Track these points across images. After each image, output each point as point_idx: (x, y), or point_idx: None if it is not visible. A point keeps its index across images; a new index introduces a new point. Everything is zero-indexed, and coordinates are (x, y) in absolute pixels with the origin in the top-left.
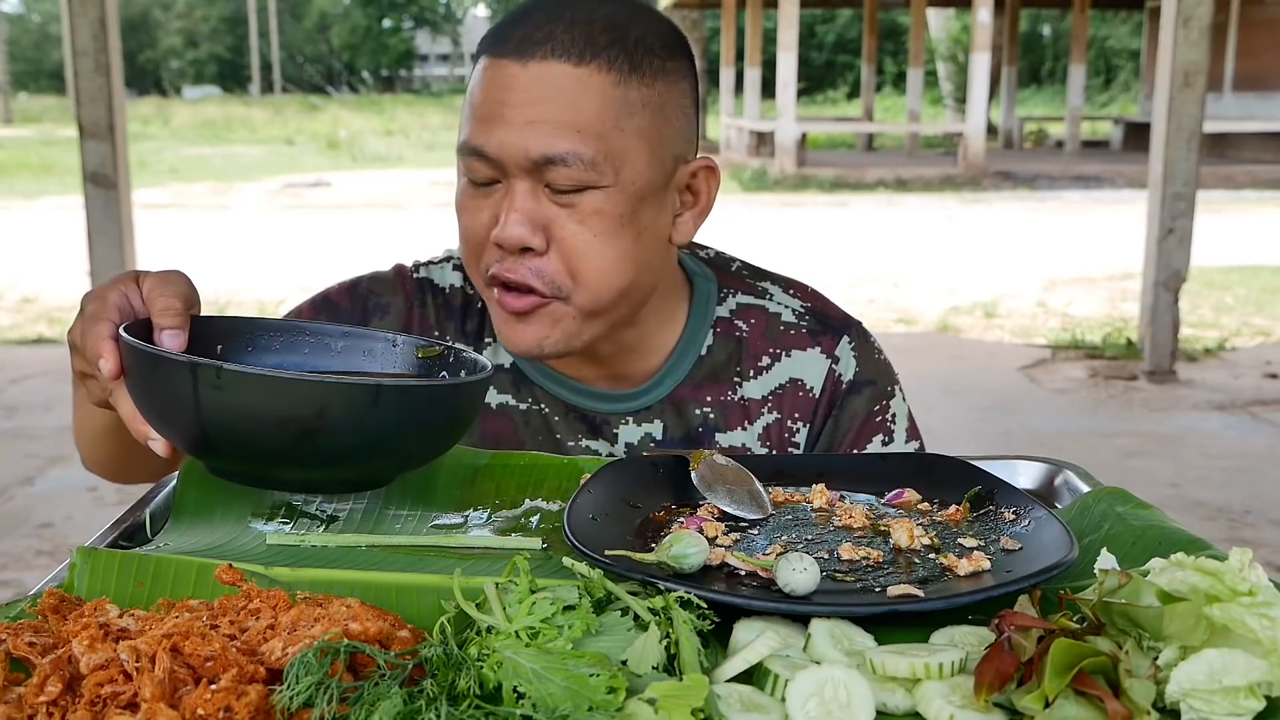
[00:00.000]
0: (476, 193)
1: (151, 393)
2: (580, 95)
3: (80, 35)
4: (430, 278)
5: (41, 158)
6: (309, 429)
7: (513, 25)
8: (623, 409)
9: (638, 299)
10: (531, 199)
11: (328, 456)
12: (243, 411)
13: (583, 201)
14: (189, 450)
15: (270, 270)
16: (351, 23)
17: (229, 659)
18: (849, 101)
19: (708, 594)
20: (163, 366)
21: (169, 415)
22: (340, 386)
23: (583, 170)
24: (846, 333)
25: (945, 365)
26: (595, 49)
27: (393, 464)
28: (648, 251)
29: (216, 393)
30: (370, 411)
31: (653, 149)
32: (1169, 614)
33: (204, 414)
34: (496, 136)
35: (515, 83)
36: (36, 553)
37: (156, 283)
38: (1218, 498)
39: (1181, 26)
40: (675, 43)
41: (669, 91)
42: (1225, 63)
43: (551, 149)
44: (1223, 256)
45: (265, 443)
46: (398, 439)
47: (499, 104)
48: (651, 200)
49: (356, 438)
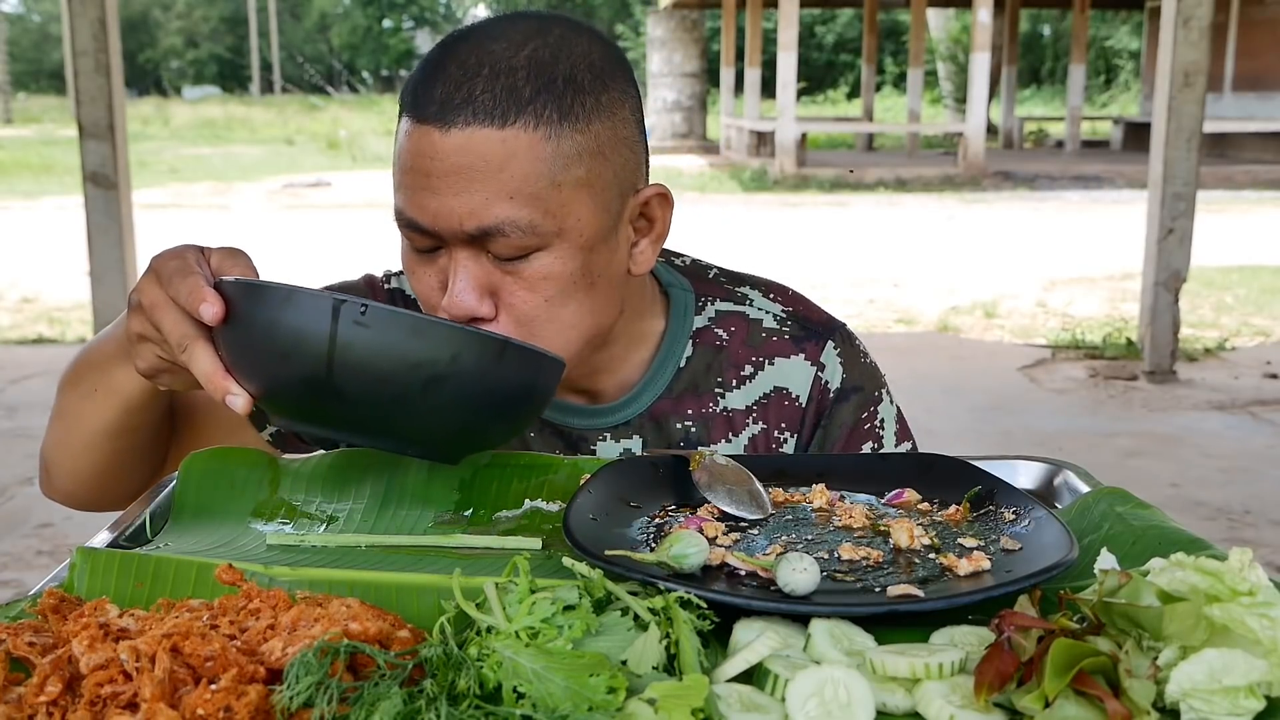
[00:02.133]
0: (420, 258)
1: (272, 335)
2: (509, 160)
3: (80, 35)
4: (402, 288)
5: (41, 158)
6: (440, 374)
7: (431, 84)
8: (600, 425)
9: (602, 337)
10: (475, 266)
11: (448, 406)
12: (382, 349)
13: (530, 266)
14: (291, 401)
15: (270, 270)
16: (351, 23)
17: (229, 659)
18: (849, 101)
19: (708, 594)
20: (300, 303)
21: (291, 358)
22: (475, 335)
23: (523, 236)
24: (831, 338)
25: (945, 365)
26: (519, 105)
27: (491, 427)
28: (605, 295)
29: (358, 330)
30: (495, 366)
31: (595, 195)
32: (1169, 614)
33: (338, 353)
34: (429, 209)
35: (439, 151)
36: (36, 553)
37: (225, 255)
38: (1218, 498)
39: (1181, 26)
40: (609, 68)
41: (606, 129)
42: (1225, 63)
43: (486, 221)
44: (1223, 256)
45: (394, 386)
46: (506, 401)
47: (426, 174)
48: (601, 246)
49: (478, 389)
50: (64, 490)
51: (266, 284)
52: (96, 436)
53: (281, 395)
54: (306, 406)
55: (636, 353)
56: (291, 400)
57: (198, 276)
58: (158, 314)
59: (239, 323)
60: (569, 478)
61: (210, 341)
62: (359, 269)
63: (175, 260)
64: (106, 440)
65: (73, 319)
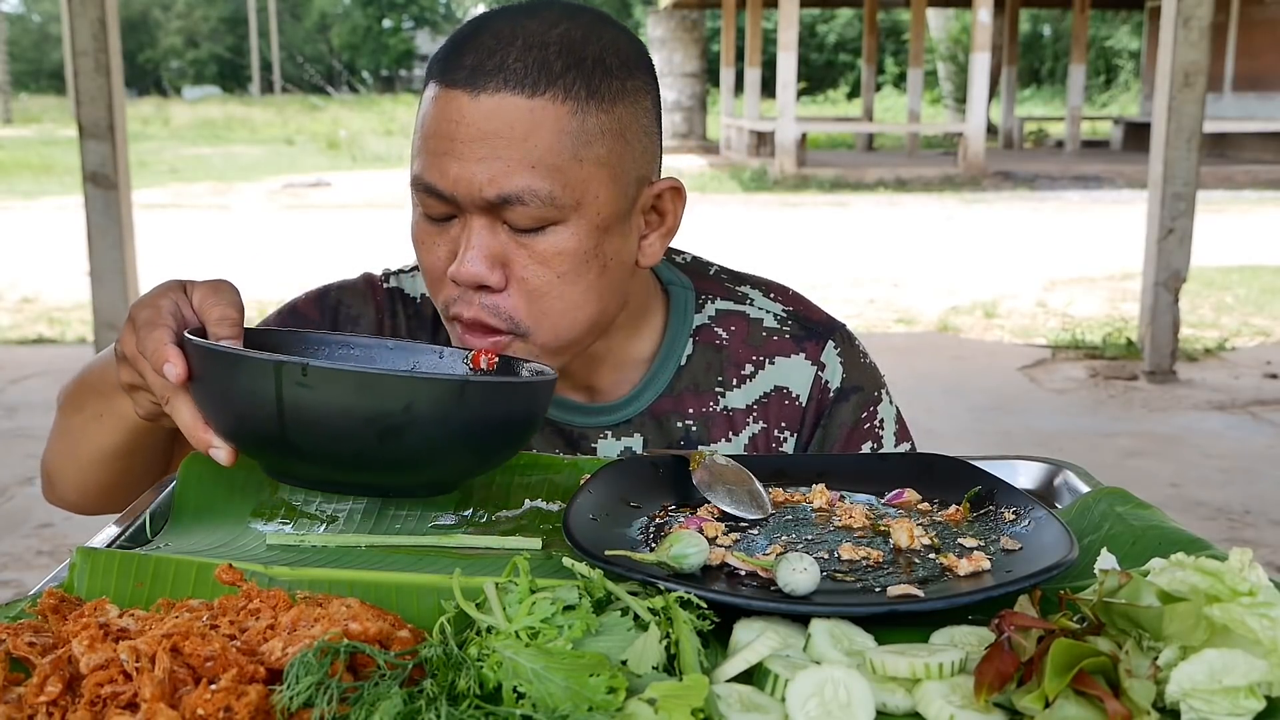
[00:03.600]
0: (432, 227)
1: (227, 396)
2: (535, 129)
3: (80, 35)
4: (401, 287)
5: (41, 158)
6: (395, 425)
7: (463, 51)
8: (601, 423)
9: (605, 326)
10: (489, 235)
11: (411, 455)
12: (329, 409)
13: (543, 239)
14: (262, 455)
15: (270, 270)
16: (351, 23)
17: (229, 659)
18: (849, 101)
19: (708, 594)
20: (244, 366)
21: (246, 419)
22: (428, 381)
23: (541, 208)
24: (831, 337)
25: (945, 365)
26: (550, 77)
27: (469, 465)
28: (613, 281)
29: (302, 390)
30: (456, 408)
31: (614, 177)
32: (1169, 614)
33: (287, 414)
34: (450, 174)
35: (466, 116)
36: (36, 553)
37: (208, 292)
38: (1218, 498)
39: (1181, 26)
40: (634, 58)
41: (629, 114)
42: (1225, 63)
43: (506, 188)
44: (1223, 256)
45: (350, 442)
46: (479, 437)
47: (450, 139)
48: (615, 229)
49: (441, 434)
50: (68, 500)
51: (214, 348)
52: (103, 456)
53: (251, 451)
54: (274, 462)
55: (635, 348)
56: (261, 456)
57: (163, 331)
58: (139, 366)
59: (199, 382)
60: (569, 478)
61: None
62: (359, 269)
63: (148, 310)
64: (113, 460)
65: (73, 319)
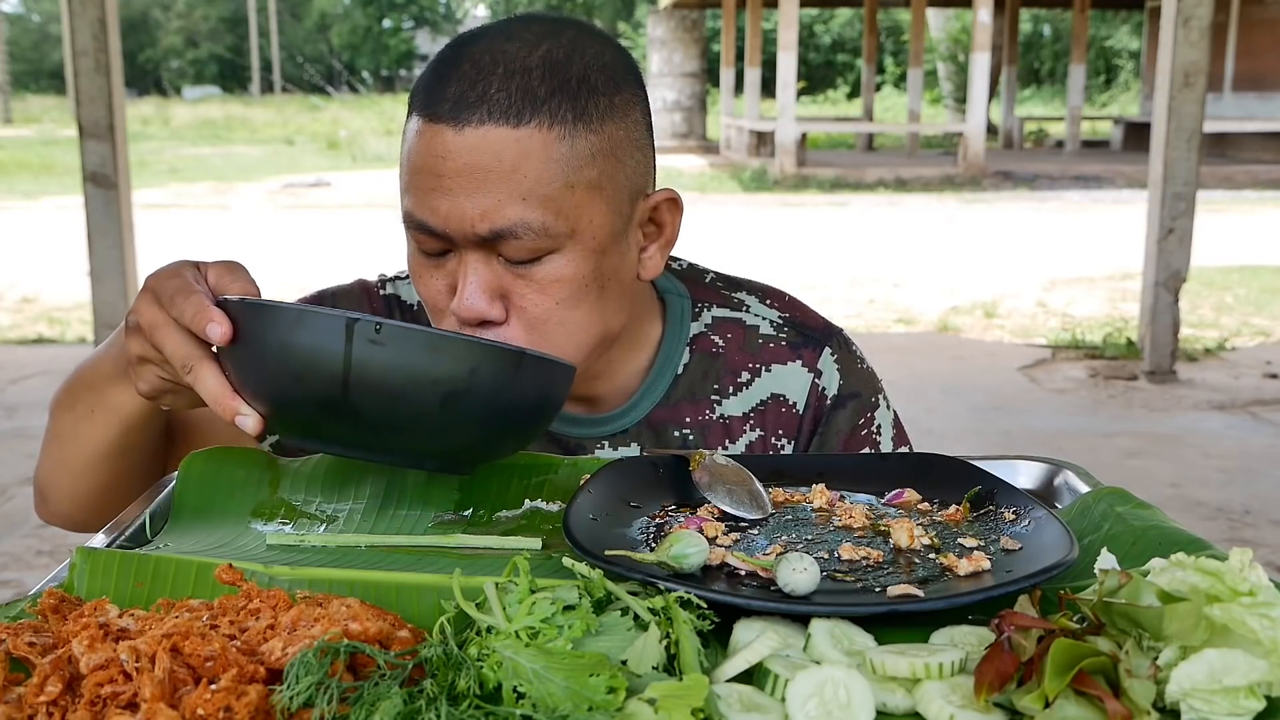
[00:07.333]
0: (428, 261)
1: (284, 356)
2: (523, 159)
3: (80, 35)
4: (398, 294)
5: (41, 158)
6: (459, 390)
7: (445, 82)
8: (598, 433)
9: (611, 342)
10: (485, 268)
11: (466, 422)
12: (398, 369)
13: (541, 269)
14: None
15: (270, 270)
16: (351, 23)
17: (229, 659)
18: (849, 101)
19: (708, 594)
20: (311, 323)
21: (304, 379)
22: (493, 348)
23: (535, 239)
24: (828, 344)
25: (945, 365)
26: (534, 104)
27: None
28: (615, 299)
29: (374, 348)
30: (512, 378)
31: (608, 198)
32: (1169, 614)
33: (353, 373)
34: (440, 211)
35: (452, 151)
36: (36, 553)
37: (223, 270)
38: (1218, 498)
39: (1181, 26)
40: (621, 70)
41: (619, 130)
42: (1225, 63)
43: (499, 223)
44: (1223, 256)
45: (411, 404)
46: (521, 410)
47: (438, 175)
48: (613, 249)
49: (496, 402)
50: (61, 513)
51: (276, 304)
52: (95, 457)
53: (294, 415)
54: (320, 426)
55: (633, 359)
56: (304, 420)
57: (200, 295)
58: (159, 335)
59: (247, 343)
60: (569, 478)
61: (215, 361)
62: (359, 269)
63: (174, 279)
64: (105, 461)
65: (73, 319)
